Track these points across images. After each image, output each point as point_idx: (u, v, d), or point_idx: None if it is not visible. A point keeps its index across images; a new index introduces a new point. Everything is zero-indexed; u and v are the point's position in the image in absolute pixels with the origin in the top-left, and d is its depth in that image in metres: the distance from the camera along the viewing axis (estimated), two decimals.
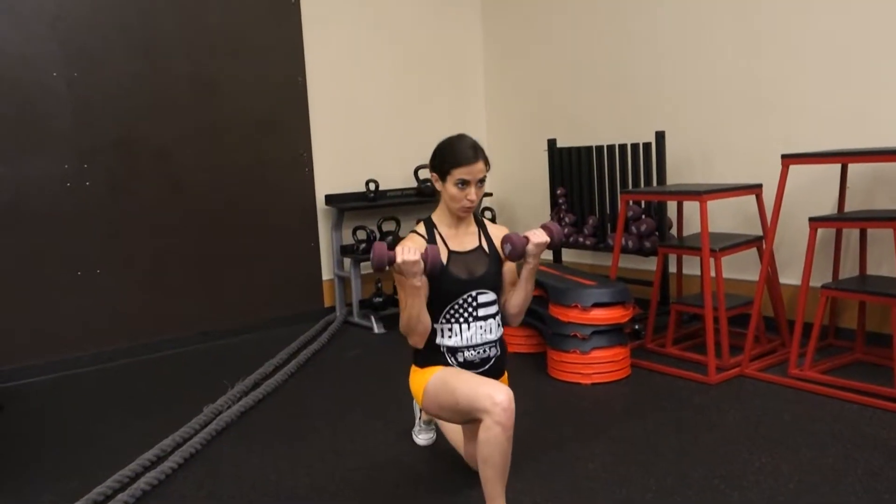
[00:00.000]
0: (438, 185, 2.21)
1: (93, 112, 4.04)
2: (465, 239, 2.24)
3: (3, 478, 2.68)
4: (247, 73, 4.54)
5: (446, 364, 2.19)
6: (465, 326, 2.18)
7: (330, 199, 4.84)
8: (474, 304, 2.19)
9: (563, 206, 4.65)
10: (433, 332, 2.19)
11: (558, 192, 4.68)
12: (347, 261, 4.72)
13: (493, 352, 2.24)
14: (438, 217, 2.27)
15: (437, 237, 2.23)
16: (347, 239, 4.89)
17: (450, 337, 2.19)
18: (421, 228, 2.25)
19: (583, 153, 4.51)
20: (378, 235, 4.83)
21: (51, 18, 3.88)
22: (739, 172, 4.04)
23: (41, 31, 3.86)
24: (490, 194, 5.51)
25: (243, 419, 3.14)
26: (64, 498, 2.42)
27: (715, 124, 4.17)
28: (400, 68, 5.24)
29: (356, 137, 5.06)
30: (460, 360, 2.19)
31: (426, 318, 2.13)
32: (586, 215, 4.52)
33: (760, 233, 3.65)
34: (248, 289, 4.62)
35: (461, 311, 2.18)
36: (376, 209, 4.96)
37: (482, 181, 2.17)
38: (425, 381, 2.18)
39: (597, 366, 3.34)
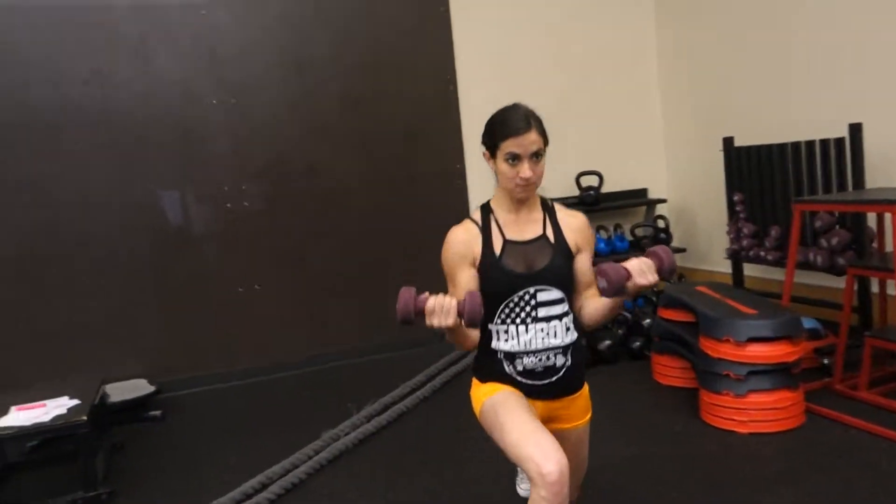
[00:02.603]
0: (491, 164, 1.86)
1: (248, 136, 4.22)
2: (526, 227, 1.86)
3: (126, 484, 2.84)
4: (397, 87, 4.50)
5: (503, 373, 1.84)
6: (522, 328, 1.82)
7: None
8: (533, 302, 1.81)
9: (741, 215, 4.03)
10: (489, 335, 1.86)
11: (735, 198, 4.06)
12: None
13: (559, 360, 1.85)
14: (497, 201, 1.89)
15: (493, 224, 1.87)
16: None
17: (506, 340, 1.83)
18: (476, 215, 1.90)
19: (762, 153, 3.86)
20: None
21: (210, 49, 4.11)
22: None
23: (201, 61, 4.10)
24: (663, 201, 4.97)
25: (359, 448, 3.06)
26: None
27: None
28: (557, 72, 4.88)
29: None
30: (519, 367, 1.83)
31: (469, 338, 1.81)
32: (768, 225, 3.87)
33: None
34: (390, 304, 4.56)
35: (517, 310, 1.82)
36: None
37: (537, 155, 1.78)
38: (480, 402, 1.86)
39: (755, 412, 2.78)
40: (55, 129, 3.88)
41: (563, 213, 1.91)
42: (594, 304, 1.86)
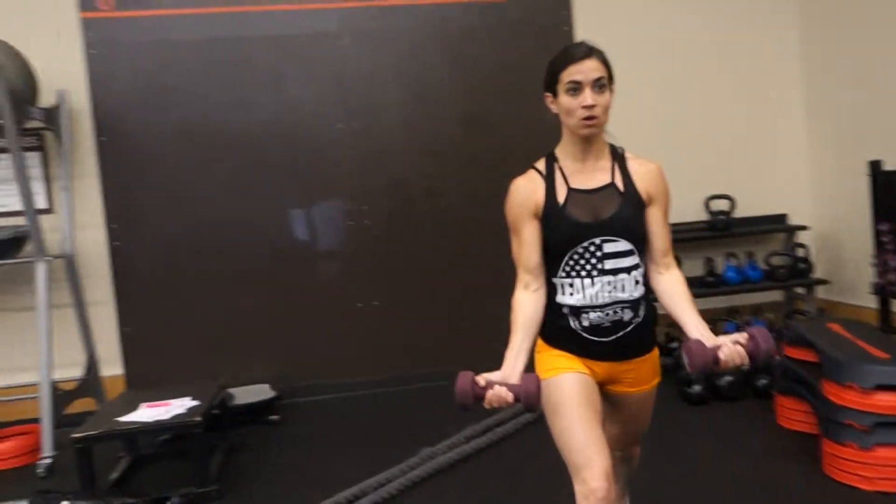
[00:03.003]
0: (555, 108, 1.80)
1: (371, 158, 4.38)
2: (593, 175, 1.78)
3: (236, 482, 3.02)
4: (517, 108, 4.49)
5: (569, 329, 1.76)
6: (587, 282, 1.73)
7: None
8: (598, 253, 1.72)
9: (887, 246, 3.65)
10: (553, 289, 1.79)
11: (882, 227, 3.68)
12: None
13: (628, 314, 1.75)
14: (562, 149, 1.82)
15: (558, 172, 1.80)
16: None
17: (571, 294, 1.75)
18: (541, 164, 1.84)
19: None
20: None
21: (338, 76, 4.32)
22: None
23: (330, 88, 4.32)
24: (805, 227, 4.60)
25: (454, 469, 3.07)
26: None
27: None
28: (687, 88, 4.68)
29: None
30: (585, 323, 1.75)
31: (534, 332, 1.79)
32: None
33: None
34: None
35: (583, 262, 1.74)
36: None
37: (600, 84, 1.70)
38: (542, 374, 1.76)
39: (883, 468, 2.50)
40: (202, 152, 4.23)
41: (634, 161, 1.82)
42: (665, 302, 1.78)
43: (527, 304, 1.79)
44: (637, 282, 1.76)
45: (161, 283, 4.25)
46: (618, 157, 1.83)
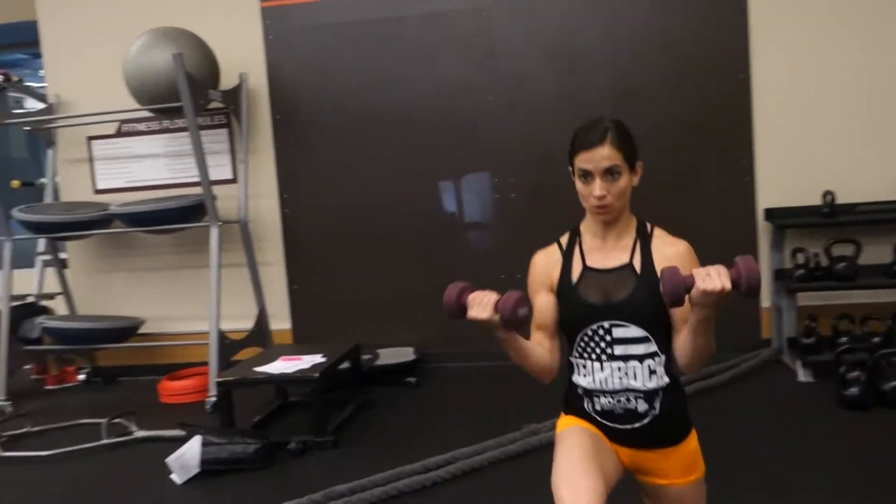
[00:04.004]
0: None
1: (520, 130, 4.38)
2: (612, 253, 1.68)
3: (352, 435, 3.27)
4: (676, 75, 4.21)
5: (583, 409, 1.69)
6: (597, 365, 1.65)
7: (771, 213, 4.11)
8: (608, 338, 1.63)
9: None
10: (571, 367, 1.72)
11: None
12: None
13: (641, 406, 1.63)
14: (585, 224, 1.74)
15: (577, 249, 1.72)
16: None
17: (584, 376, 1.68)
18: (564, 238, 1.76)
19: None
20: (824, 261, 3.87)
21: (489, 49, 4.36)
22: None
23: (480, 60, 4.37)
24: None
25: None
26: (342, 478, 2.81)
27: None
28: (878, 64, 4.04)
29: (813, 139, 4.13)
30: (597, 407, 1.67)
31: (536, 364, 1.68)
32: None
33: None
34: None
35: (592, 344, 1.65)
36: (831, 227, 3.97)
37: (612, 173, 1.60)
38: (560, 428, 1.73)
39: None
40: (362, 128, 4.52)
41: (660, 241, 1.68)
42: (679, 343, 1.60)
43: (535, 344, 1.72)
44: (653, 372, 1.63)
45: (324, 248, 4.64)
46: (643, 234, 1.70)
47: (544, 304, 1.72)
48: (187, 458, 2.94)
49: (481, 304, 1.55)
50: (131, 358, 4.74)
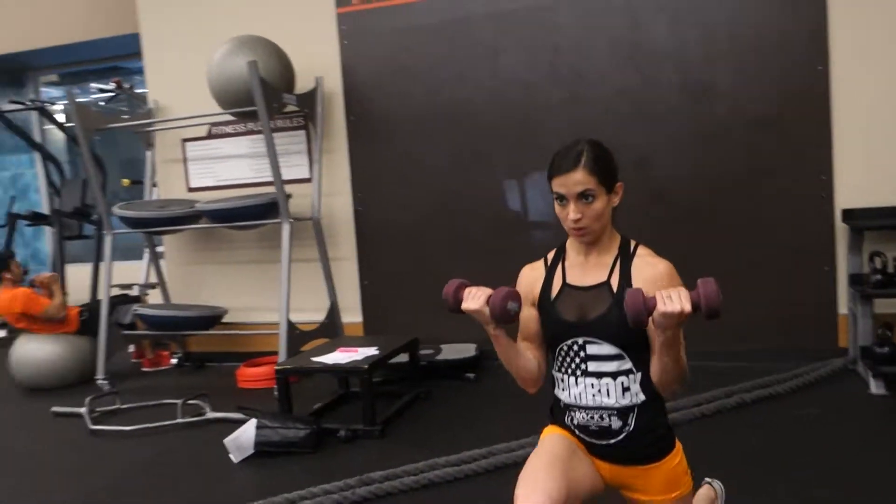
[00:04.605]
0: None
1: (582, 128, 4.30)
2: (592, 271, 1.71)
3: (401, 426, 3.39)
4: (748, 67, 4.06)
5: (564, 423, 1.74)
6: (573, 380, 1.69)
7: (849, 214, 3.88)
8: (582, 354, 1.67)
9: None
10: (553, 381, 1.77)
11: None
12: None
13: (615, 423, 1.65)
14: (571, 241, 1.77)
15: (560, 266, 1.75)
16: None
17: (563, 390, 1.73)
18: (551, 254, 1.80)
19: None
20: None
21: (554, 47, 4.36)
22: None
23: (543, 58, 4.38)
24: None
25: None
26: (383, 466, 2.94)
27: None
28: None
29: None
30: (575, 421, 1.71)
31: (522, 368, 1.73)
32: None
33: None
34: (732, 313, 4.17)
35: (568, 360, 1.70)
36: None
37: (586, 196, 1.62)
38: (540, 439, 1.78)
39: None
40: (431, 127, 4.63)
41: (641, 260, 1.70)
42: (652, 363, 1.61)
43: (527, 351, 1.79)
44: (626, 389, 1.65)
45: (394, 245, 4.80)
46: (625, 253, 1.71)
47: (528, 317, 1.78)
48: (243, 439, 3.16)
49: (474, 297, 1.64)
50: (218, 345, 5.08)
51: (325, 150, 4.78)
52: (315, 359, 3.57)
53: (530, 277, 1.80)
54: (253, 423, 3.20)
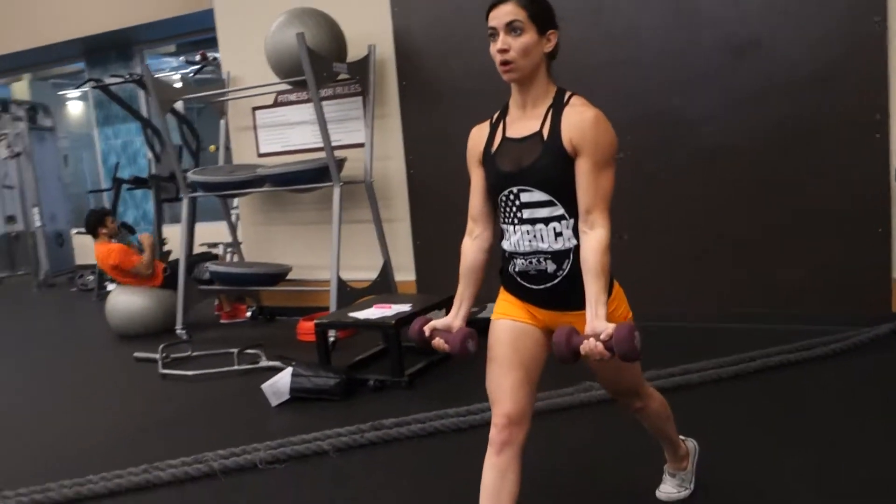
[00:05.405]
0: None
1: (626, 87, 4.31)
2: (528, 122, 1.75)
3: (428, 380, 3.60)
4: (800, 20, 3.89)
5: (509, 273, 1.84)
6: (511, 229, 1.78)
7: None
8: (517, 202, 1.75)
9: None
10: (501, 233, 1.86)
11: None
12: None
13: (551, 266, 1.74)
14: (512, 97, 1.80)
15: (502, 121, 1.81)
16: None
17: (506, 239, 1.82)
18: (497, 113, 1.85)
19: None
20: None
21: (598, 5, 4.31)
22: None
23: (589, 17, 4.34)
24: None
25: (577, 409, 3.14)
26: (404, 415, 3.15)
27: None
28: None
29: None
30: (516, 269, 1.80)
31: (481, 276, 1.90)
32: None
33: None
34: (778, 274, 4.07)
35: (506, 209, 1.78)
36: None
37: (514, 29, 1.66)
38: (493, 314, 1.90)
39: None
40: (482, 90, 4.68)
41: (571, 109, 1.72)
42: (581, 265, 1.69)
43: (468, 253, 1.92)
44: (559, 234, 1.73)
45: (446, 206, 4.89)
46: (558, 103, 1.75)
47: (477, 183, 1.87)
48: (279, 385, 3.46)
49: (441, 349, 1.84)
50: (286, 300, 5.46)
51: (379, 116, 4.97)
52: (351, 314, 3.82)
53: (475, 138, 1.87)
54: (289, 371, 3.50)
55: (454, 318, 1.87)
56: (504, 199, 1.78)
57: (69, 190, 9.80)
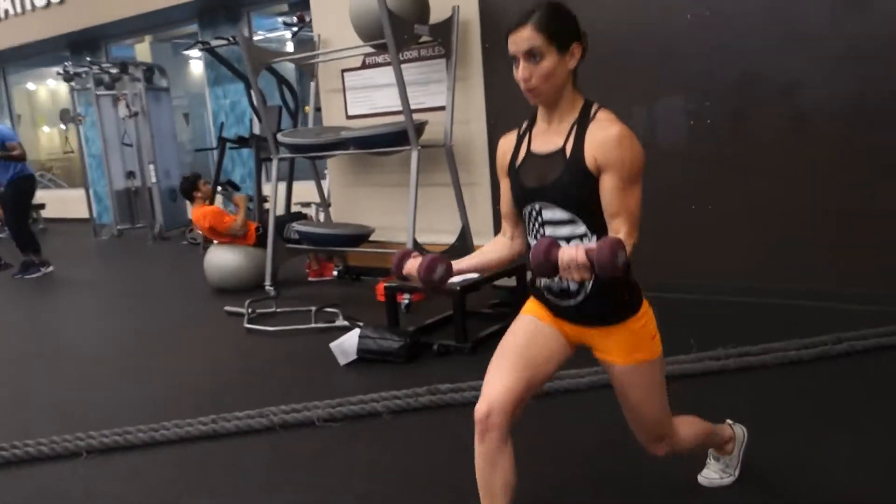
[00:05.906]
0: None
1: (719, 50, 4.05)
2: (552, 137, 1.71)
3: (491, 347, 3.59)
4: None
5: (536, 287, 1.82)
6: (535, 243, 1.72)
7: None
8: (539, 219, 1.73)
9: None
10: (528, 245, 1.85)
11: None
12: None
13: (572, 285, 1.71)
14: (540, 109, 1.76)
15: (527, 135, 1.77)
16: None
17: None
18: (525, 123, 1.81)
19: None
20: None
21: None
22: None
23: None
24: None
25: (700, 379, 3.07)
26: (464, 379, 3.18)
27: None
28: None
29: None
30: (542, 283, 1.79)
31: (496, 264, 1.94)
32: None
33: None
34: (874, 257, 3.77)
35: (530, 224, 1.76)
36: None
37: (534, 55, 1.61)
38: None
39: None
40: None
41: (596, 125, 1.66)
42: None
43: (493, 242, 1.93)
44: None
45: None
46: (583, 118, 1.68)
47: (506, 189, 1.86)
48: (346, 345, 3.58)
49: (410, 273, 1.81)
50: (371, 260, 5.57)
51: (461, 78, 4.92)
52: None
53: (503, 148, 1.86)
54: (356, 332, 3.60)
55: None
56: (528, 213, 1.77)
57: (187, 147, 10.35)
